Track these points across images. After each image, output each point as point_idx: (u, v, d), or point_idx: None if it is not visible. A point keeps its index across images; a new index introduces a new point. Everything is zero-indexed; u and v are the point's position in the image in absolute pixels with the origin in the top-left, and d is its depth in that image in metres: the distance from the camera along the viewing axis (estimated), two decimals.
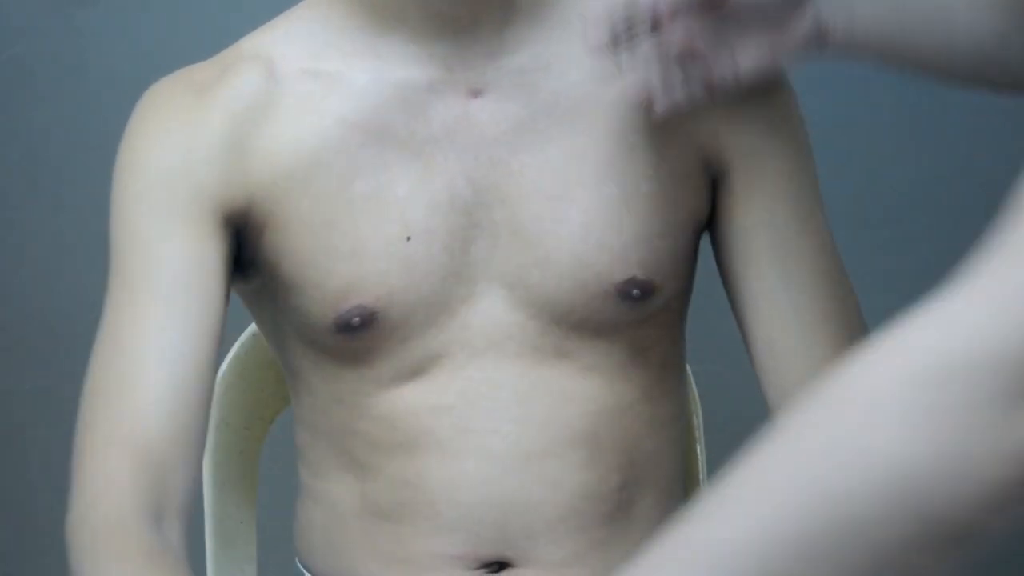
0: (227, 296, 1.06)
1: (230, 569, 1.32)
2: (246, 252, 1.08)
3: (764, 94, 1.09)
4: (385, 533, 1.09)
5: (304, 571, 1.17)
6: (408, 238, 1.05)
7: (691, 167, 1.08)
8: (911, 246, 1.88)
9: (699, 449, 1.30)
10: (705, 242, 1.13)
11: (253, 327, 1.27)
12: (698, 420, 1.30)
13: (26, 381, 1.94)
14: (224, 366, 1.32)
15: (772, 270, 1.09)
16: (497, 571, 1.09)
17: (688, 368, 1.26)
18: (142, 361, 1.01)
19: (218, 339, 1.04)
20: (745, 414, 1.64)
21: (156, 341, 1.01)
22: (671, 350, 1.13)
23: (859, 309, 1.11)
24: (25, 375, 1.94)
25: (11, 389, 1.95)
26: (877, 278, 1.66)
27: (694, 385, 1.30)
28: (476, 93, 1.06)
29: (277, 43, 1.08)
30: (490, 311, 1.07)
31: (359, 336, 1.06)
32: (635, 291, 1.06)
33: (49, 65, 1.86)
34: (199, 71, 1.09)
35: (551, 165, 1.06)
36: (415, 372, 1.07)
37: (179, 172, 1.04)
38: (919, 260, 1.88)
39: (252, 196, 1.05)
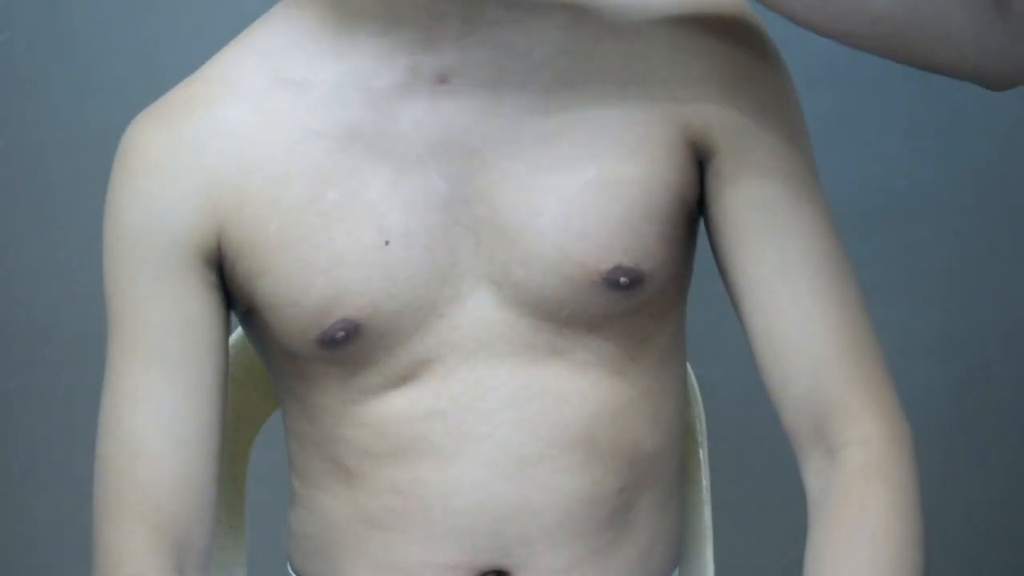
0: (226, 343, 1.07)
1: (219, 574, 1.29)
2: (226, 281, 1.07)
3: (753, 70, 1.06)
4: (378, 542, 1.07)
5: None
6: (386, 243, 1.02)
7: (675, 147, 1.04)
8: (913, 248, 1.86)
9: (702, 454, 1.27)
10: (703, 237, 1.09)
11: None
12: (700, 425, 1.28)
13: (11, 381, 1.92)
14: None
15: (767, 252, 1.04)
16: None
17: (691, 371, 1.23)
18: (145, 430, 1.04)
19: (222, 389, 1.07)
20: (748, 418, 1.64)
21: (157, 407, 1.04)
22: (669, 342, 1.10)
23: (862, 294, 1.06)
24: (11, 374, 1.92)
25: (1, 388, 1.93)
26: (880, 280, 1.65)
27: (697, 389, 1.28)
28: (442, 80, 1.03)
29: (242, 60, 1.07)
30: (479, 311, 1.04)
31: (344, 348, 1.04)
32: (623, 279, 1.03)
33: (36, 53, 1.85)
34: (170, 106, 1.07)
35: (524, 152, 1.03)
36: (405, 378, 1.05)
37: (156, 230, 1.05)
38: (922, 262, 1.88)
39: (221, 230, 1.05)
